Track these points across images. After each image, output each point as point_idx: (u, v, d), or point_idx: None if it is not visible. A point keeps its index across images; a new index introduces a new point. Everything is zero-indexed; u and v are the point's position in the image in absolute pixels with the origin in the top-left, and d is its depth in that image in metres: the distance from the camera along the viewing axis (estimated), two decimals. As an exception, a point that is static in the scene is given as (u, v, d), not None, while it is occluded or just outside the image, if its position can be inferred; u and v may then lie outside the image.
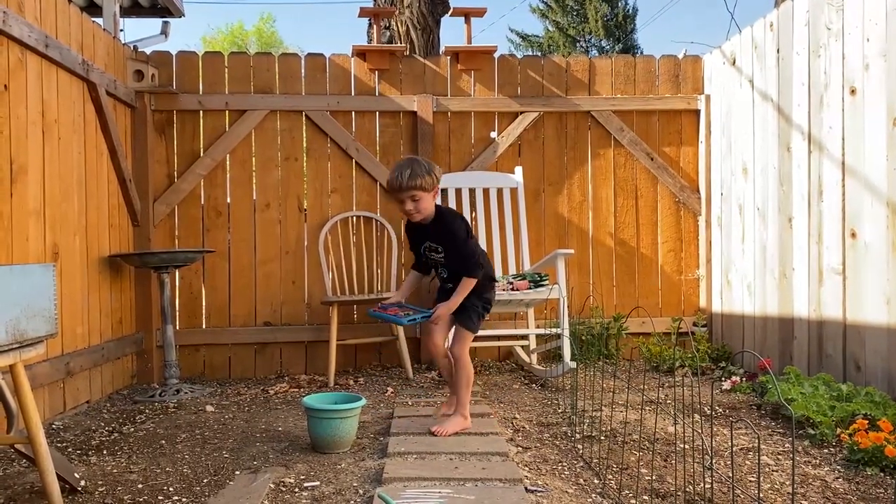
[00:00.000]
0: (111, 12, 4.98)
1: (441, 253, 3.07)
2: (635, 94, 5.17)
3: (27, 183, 3.35)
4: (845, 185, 3.61)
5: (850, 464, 2.73)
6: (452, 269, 3.09)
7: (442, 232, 3.05)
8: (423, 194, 2.94)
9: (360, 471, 2.70)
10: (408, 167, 2.92)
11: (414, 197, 2.93)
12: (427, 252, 3.13)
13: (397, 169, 2.96)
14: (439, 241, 3.06)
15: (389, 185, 2.99)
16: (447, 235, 3.05)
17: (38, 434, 2.20)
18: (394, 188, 2.96)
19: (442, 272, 3.14)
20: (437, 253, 3.08)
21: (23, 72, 3.34)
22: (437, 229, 3.06)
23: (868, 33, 3.44)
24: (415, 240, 3.18)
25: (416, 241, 3.17)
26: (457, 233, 3.05)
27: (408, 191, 2.92)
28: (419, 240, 3.15)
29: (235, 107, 4.87)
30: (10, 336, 2.03)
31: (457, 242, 3.04)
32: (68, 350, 3.65)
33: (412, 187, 2.91)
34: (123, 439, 3.25)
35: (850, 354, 3.58)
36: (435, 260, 3.12)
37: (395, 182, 2.93)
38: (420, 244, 3.15)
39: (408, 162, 2.97)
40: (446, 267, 3.11)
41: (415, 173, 2.90)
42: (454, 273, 3.08)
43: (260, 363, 4.88)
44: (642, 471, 2.64)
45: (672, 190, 5.15)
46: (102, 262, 4.13)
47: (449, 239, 3.05)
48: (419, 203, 2.95)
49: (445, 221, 3.07)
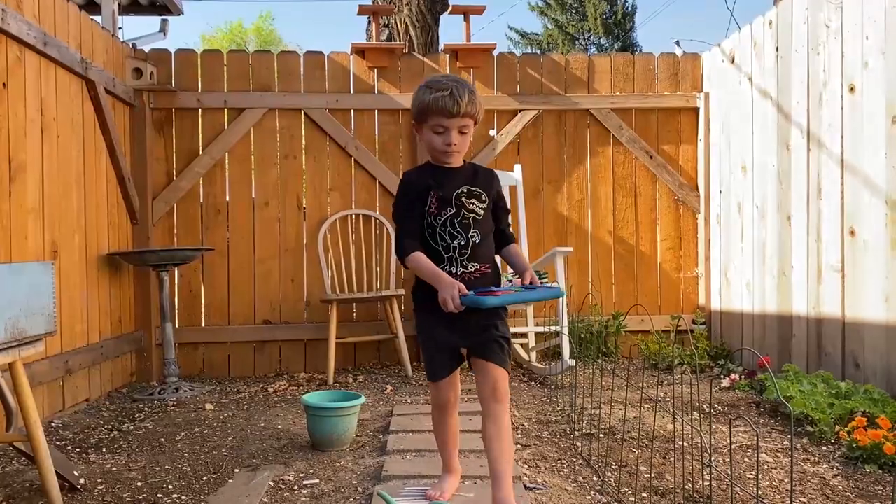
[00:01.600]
0: (110, 10, 4.97)
1: (484, 203, 2.18)
2: (634, 91, 5.16)
3: (26, 181, 3.35)
4: (844, 183, 3.61)
5: (849, 461, 2.73)
6: (485, 234, 2.19)
7: (485, 175, 2.25)
8: (472, 125, 2.18)
9: (360, 468, 2.70)
10: (464, 86, 2.13)
11: (464, 128, 2.15)
12: (463, 201, 2.15)
13: (449, 87, 2.11)
14: (484, 188, 2.21)
15: (437, 107, 2.10)
16: (491, 179, 2.25)
17: (37, 432, 2.20)
18: (445, 111, 2.10)
19: (473, 237, 2.15)
20: (480, 202, 2.18)
21: (21, 70, 3.33)
22: (474, 170, 2.25)
23: (867, 31, 3.44)
24: (436, 188, 2.17)
25: (445, 191, 2.16)
26: (497, 178, 2.28)
27: (463, 117, 2.12)
28: (447, 187, 2.17)
29: (234, 105, 4.86)
30: (8, 334, 2.03)
31: (499, 191, 2.28)
32: (67, 348, 3.65)
33: (469, 114, 2.13)
34: (123, 437, 3.25)
35: (849, 352, 3.58)
36: (465, 218, 2.15)
37: (449, 103, 2.09)
38: (447, 193, 2.16)
39: (458, 80, 2.16)
40: (480, 228, 2.17)
41: (474, 96, 2.13)
42: (485, 241, 2.19)
43: (259, 361, 4.88)
44: (641, 468, 2.64)
45: (671, 188, 5.16)
46: (101, 260, 4.13)
47: (493, 184, 2.25)
48: (466, 137, 2.17)
49: (484, 168, 2.29)
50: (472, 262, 2.14)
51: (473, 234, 2.15)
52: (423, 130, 2.17)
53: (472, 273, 2.14)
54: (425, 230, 2.15)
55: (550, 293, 2.13)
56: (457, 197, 2.16)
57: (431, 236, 2.15)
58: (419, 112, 2.15)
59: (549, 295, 2.13)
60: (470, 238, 2.14)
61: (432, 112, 2.11)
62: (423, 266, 2.09)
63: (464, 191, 2.18)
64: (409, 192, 2.20)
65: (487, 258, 2.19)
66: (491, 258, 2.21)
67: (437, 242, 2.14)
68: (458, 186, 2.18)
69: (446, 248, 2.14)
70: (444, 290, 1.99)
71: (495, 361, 2.14)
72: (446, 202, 2.15)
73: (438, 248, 2.14)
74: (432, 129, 2.14)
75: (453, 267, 2.13)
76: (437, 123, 2.12)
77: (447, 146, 2.14)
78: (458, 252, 2.14)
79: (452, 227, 2.14)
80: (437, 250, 2.14)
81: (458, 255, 2.14)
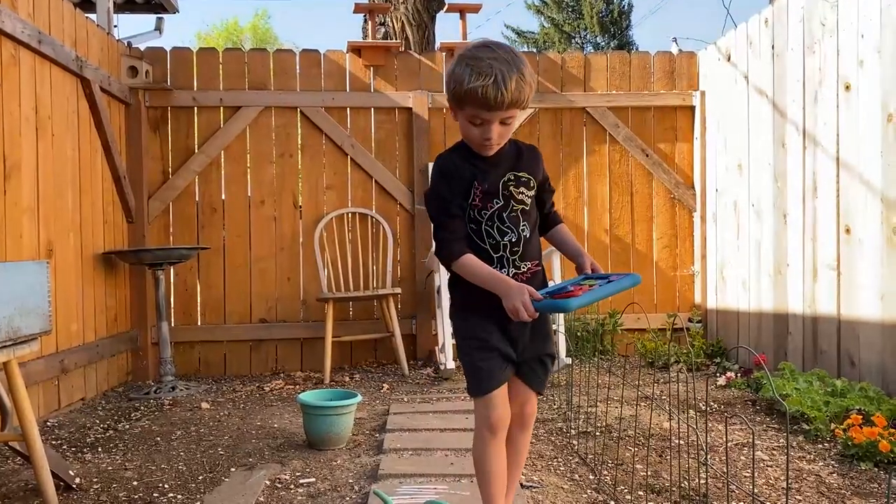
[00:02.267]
0: (105, 8, 4.95)
1: (532, 190, 1.87)
2: (630, 90, 5.17)
3: (21, 180, 3.33)
4: (840, 181, 3.62)
5: (845, 459, 2.74)
6: (533, 226, 1.89)
7: (530, 155, 1.91)
8: (518, 111, 1.77)
9: (356, 467, 2.70)
10: (513, 68, 1.69)
11: (508, 119, 1.75)
12: (511, 191, 1.83)
13: (494, 71, 1.68)
14: (532, 172, 1.88)
15: (477, 98, 1.69)
16: (537, 160, 1.93)
17: (32, 431, 2.19)
18: (486, 103, 1.69)
19: (524, 231, 1.84)
20: (528, 190, 1.86)
21: (16, 68, 3.32)
22: (517, 150, 1.90)
23: (862, 29, 3.44)
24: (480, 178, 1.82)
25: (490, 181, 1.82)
26: (541, 157, 1.97)
27: (508, 108, 1.72)
28: (492, 175, 1.82)
29: (230, 103, 4.85)
30: (3, 333, 2.02)
31: (545, 173, 1.96)
32: (63, 347, 3.64)
33: (515, 103, 1.72)
34: (118, 436, 3.25)
35: (844, 350, 3.59)
36: (514, 211, 1.83)
37: (492, 93, 1.67)
38: (493, 183, 1.82)
39: (506, 59, 1.70)
40: (528, 220, 1.86)
41: (523, 79, 1.70)
42: (533, 234, 1.89)
43: (255, 360, 4.87)
44: (637, 466, 2.65)
45: (667, 186, 5.16)
46: (97, 259, 4.12)
47: (540, 165, 1.93)
48: (509, 128, 1.79)
49: (526, 145, 1.94)
50: (524, 261, 1.84)
51: (524, 228, 1.84)
52: (459, 116, 1.80)
53: (525, 273, 1.83)
54: (470, 225, 1.82)
55: (630, 281, 1.75)
56: (504, 186, 1.82)
57: (476, 233, 1.82)
58: (455, 98, 1.76)
59: (631, 283, 1.76)
60: (521, 233, 1.83)
61: (470, 102, 1.71)
62: (479, 271, 1.76)
63: (511, 178, 1.84)
64: (449, 182, 1.82)
65: (537, 254, 1.89)
66: (539, 253, 1.90)
67: (485, 240, 1.82)
68: (504, 173, 1.84)
69: (495, 246, 1.82)
70: (512, 297, 1.67)
71: (535, 386, 1.91)
72: (492, 193, 1.81)
73: (486, 246, 1.82)
74: (469, 118, 1.76)
75: (504, 268, 1.81)
76: (475, 115, 1.73)
77: (486, 141, 1.76)
78: (510, 250, 1.82)
79: (501, 221, 1.81)
80: (486, 249, 1.81)
81: (509, 253, 1.82)
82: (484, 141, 1.77)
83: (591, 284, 1.77)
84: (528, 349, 1.87)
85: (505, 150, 1.85)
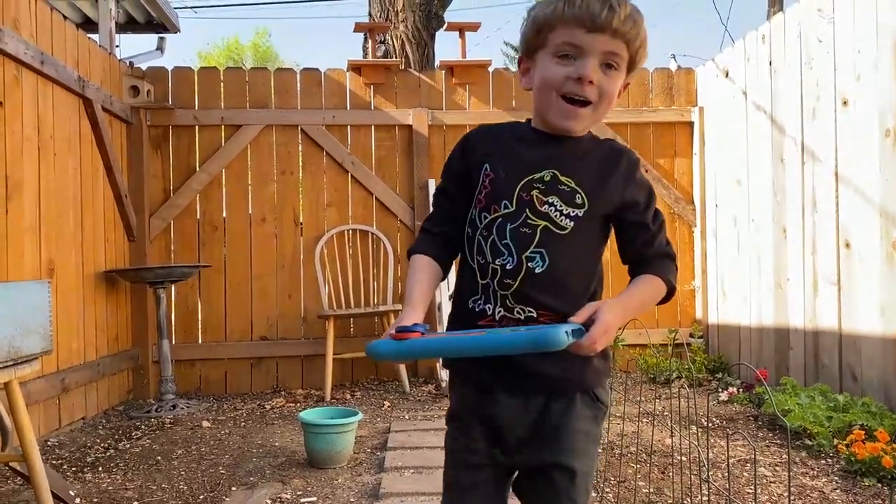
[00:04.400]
0: (107, 29, 5.00)
1: (580, 210, 1.25)
2: (629, 106, 5.19)
3: (23, 199, 3.35)
4: (839, 196, 3.63)
5: (848, 474, 2.73)
6: (566, 261, 1.25)
7: (608, 162, 1.29)
8: (626, 65, 1.24)
9: (357, 486, 2.69)
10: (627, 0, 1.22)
11: (613, 58, 1.22)
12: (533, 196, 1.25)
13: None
14: (588, 183, 1.26)
15: (574, 12, 1.19)
16: (610, 169, 1.28)
17: (32, 452, 2.19)
18: (587, 17, 1.19)
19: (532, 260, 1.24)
20: (567, 206, 1.24)
21: (18, 88, 3.35)
22: (587, 153, 1.29)
23: (859, 45, 3.47)
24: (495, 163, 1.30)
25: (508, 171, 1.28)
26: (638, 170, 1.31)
27: (615, 37, 1.20)
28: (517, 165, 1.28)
29: (231, 122, 4.88)
30: (4, 354, 2.02)
31: (635, 196, 1.29)
32: (64, 366, 3.64)
33: (625, 36, 1.21)
34: (119, 456, 3.24)
35: (846, 365, 3.59)
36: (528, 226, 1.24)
37: (596, 7, 1.19)
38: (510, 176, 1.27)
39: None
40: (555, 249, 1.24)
41: (639, 15, 1.23)
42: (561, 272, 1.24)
43: (256, 378, 4.86)
44: (640, 483, 2.64)
45: (667, 202, 5.17)
46: (98, 277, 4.13)
47: (612, 182, 1.27)
48: (612, 80, 1.23)
49: (615, 146, 1.32)
50: (523, 304, 1.23)
51: (535, 257, 1.23)
52: (537, 62, 1.25)
53: (523, 322, 1.23)
54: (466, 229, 1.31)
55: (526, 339, 1.07)
56: (525, 186, 1.25)
57: (469, 242, 1.29)
58: (538, 26, 1.23)
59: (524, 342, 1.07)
60: (525, 262, 1.22)
61: (562, 20, 1.19)
62: (408, 281, 1.30)
63: (542, 178, 1.25)
64: (458, 157, 1.36)
65: (559, 303, 1.22)
66: (570, 304, 1.20)
67: (474, 256, 1.27)
68: (537, 169, 1.25)
69: (483, 268, 1.26)
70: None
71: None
72: (502, 191, 1.26)
73: (474, 265, 1.27)
74: (555, 52, 1.21)
75: (488, 303, 1.25)
76: (566, 41, 1.20)
77: (578, 81, 1.20)
78: (499, 281, 1.24)
79: (500, 235, 1.24)
80: (473, 269, 1.28)
81: (497, 285, 1.24)
82: (575, 82, 1.20)
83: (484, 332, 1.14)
84: (526, 452, 1.25)
85: (574, 142, 1.27)
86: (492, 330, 1.18)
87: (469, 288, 1.28)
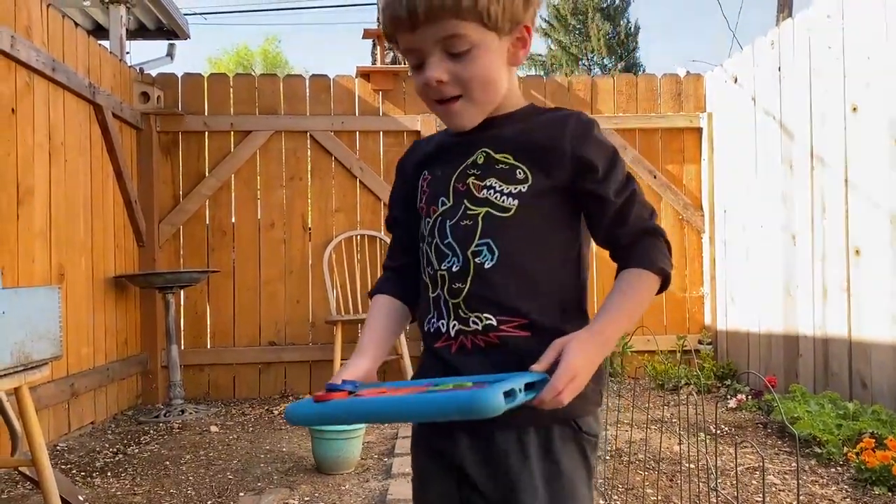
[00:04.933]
0: (118, 35, 5.04)
1: (524, 185, 1.05)
2: (637, 112, 5.19)
3: (33, 205, 3.37)
4: (848, 202, 3.61)
5: (858, 483, 2.71)
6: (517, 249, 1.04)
7: (550, 126, 1.08)
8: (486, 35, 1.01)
9: (365, 492, 2.69)
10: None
11: (451, 42, 1.00)
12: (469, 184, 1.07)
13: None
14: (530, 152, 1.06)
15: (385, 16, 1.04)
16: (554, 133, 1.06)
17: (42, 457, 2.20)
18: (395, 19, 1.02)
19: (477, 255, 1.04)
20: (509, 184, 1.05)
21: (30, 95, 3.37)
22: (525, 122, 1.10)
23: (869, 51, 3.45)
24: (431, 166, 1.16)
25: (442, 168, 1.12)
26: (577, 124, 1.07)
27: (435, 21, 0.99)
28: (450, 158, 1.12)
29: (240, 128, 4.90)
30: (14, 359, 2.04)
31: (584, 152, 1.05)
32: (73, 371, 3.66)
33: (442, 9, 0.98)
34: (128, 461, 3.25)
35: (856, 372, 3.56)
36: (468, 217, 1.06)
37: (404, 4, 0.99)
38: (444, 172, 1.12)
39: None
40: (502, 237, 1.04)
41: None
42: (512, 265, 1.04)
43: (264, 383, 4.87)
44: (648, 491, 2.63)
45: (675, 208, 5.16)
46: (108, 282, 4.15)
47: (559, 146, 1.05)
48: (469, 64, 1.01)
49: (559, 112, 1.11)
50: (477, 312, 1.04)
51: (481, 251, 1.04)
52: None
53: (480, 336, 1.04)
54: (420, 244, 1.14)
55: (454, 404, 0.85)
56: (459, 177, 1.09)
57: (423, 258, 1.12)
58: (391, 42, 1.07)
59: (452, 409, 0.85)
60: (470, 258, 1.04)
61: (388, 29, 1.05)
62: (366, 325, 1.16)
63: (475, 162, 1.08)
64: (395, 185, 1.25)
65: (523, 302, 1.03)
66: (538, 303, 1.03)
67: (424, 269, 1.12)
68: (469, 154, 1.09)
69: (433, 279, 1.09)
70: None
71: None
72: (438, 190, 1.11)
73: (427, 279, 1.11)
74: (408, 62, 1.07)
75: (441, 318, 1.07)
76: (404, 49, 1.05)
77: (425, 88, 1.04)
78: (447, 288, 1.06)
79: (442, 235, 1.08)
80: (425, 284, 1.11)
81: (446, 293, 1.06)
82: (424, 89, 1.04)
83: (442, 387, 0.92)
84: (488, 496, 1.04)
85: (506, 119, 1.10)
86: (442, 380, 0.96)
87: (424, 308, 1.12)
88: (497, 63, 1.04)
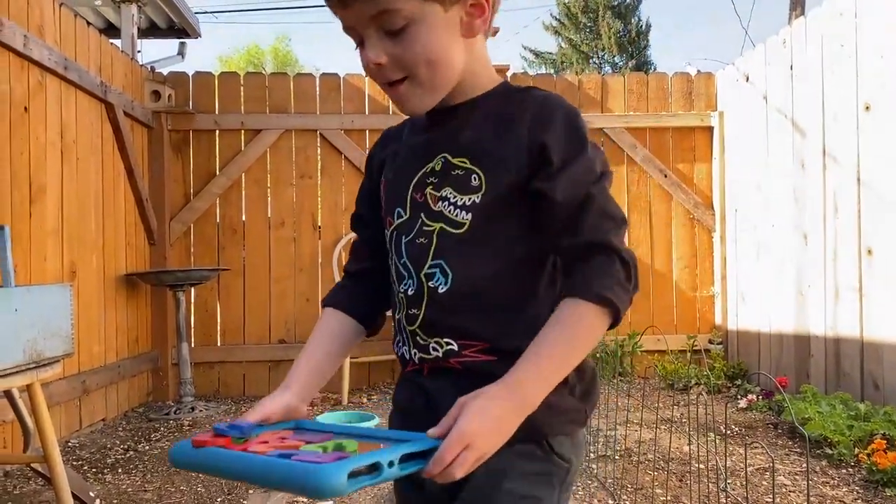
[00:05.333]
0: (129, 34, 5.06)
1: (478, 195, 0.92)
2: (648, 111, 5.17)
3: (46, 203, 3.39)
4: (861, 202, 3.58)
5: (869, 484, 2.69)
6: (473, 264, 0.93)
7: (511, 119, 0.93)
8: (410, 5, 0.87)
9: (375, 490, 2.70)
10: None
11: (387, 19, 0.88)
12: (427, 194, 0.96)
13: None
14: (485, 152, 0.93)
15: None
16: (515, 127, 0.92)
17: (53, 453, 2.21)
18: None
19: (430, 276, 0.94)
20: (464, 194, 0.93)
21: (42, 94, 3.39)
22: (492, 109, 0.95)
23: (882, 50, 3.43)
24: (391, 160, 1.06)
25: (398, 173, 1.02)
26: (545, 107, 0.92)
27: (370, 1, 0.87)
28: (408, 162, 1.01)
29: (251, 126, 4.92)
30: (27, 356, 2.05)
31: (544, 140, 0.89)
32: (85, 368, 3.68)
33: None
34: (139, 457, 3.27)
35: (867, 373, 3.54)
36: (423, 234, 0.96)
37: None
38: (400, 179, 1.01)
39: None
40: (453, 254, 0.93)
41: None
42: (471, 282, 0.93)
43: (274, 380, 4.89)
44: (657, 491, 2.62)
45: (686, 207, 5.14)
46: (119, 280, 4.17)
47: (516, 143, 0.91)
48: (408, 42, 0.89)
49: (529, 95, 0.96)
50: (436, 337, 0.95)
51: (434, 272, 0.94)
52: None
53: (440, 362, 0.95)
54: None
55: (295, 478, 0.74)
56: (417, 186, 0.98)
57: (390, 271, 1.04)
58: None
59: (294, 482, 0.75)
60: (423, 280, 0.95)
61: (330, 6, 0.93)
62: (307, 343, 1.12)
63: (433, 168, 0.97)
64: (364, 177, 1.16)
65: (483, 327, 0.93)
66: (499, 325, 0.93)
67: (393, 284, 1.03)
68: (429, 158, 0.97)
69: (398, 301, 1.01)
70: None
71: None
72: (394, 198, 1.02)
73: (395, 299, 1.02)
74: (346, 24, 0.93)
75: (405, 344, 1.01)
76: (344, 27, 0.94)
77: (367, 71, 0.93)
78: (406, 313, 0.98)
79: (398, 252, 0.99)
80: (394, 303, 1.03)
81: (406, 319, 0.99)
82: (368, 72, 0.93)
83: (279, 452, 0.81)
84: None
85: (468, 107, 0.97)
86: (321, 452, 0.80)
87: (395, 328, 1.02)
88: (444, 38, 0.90)
